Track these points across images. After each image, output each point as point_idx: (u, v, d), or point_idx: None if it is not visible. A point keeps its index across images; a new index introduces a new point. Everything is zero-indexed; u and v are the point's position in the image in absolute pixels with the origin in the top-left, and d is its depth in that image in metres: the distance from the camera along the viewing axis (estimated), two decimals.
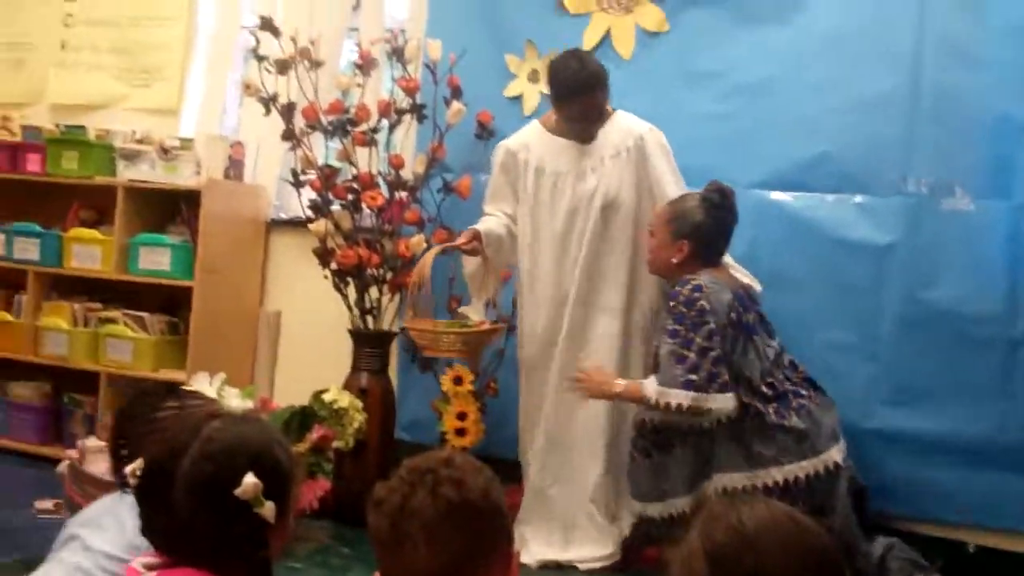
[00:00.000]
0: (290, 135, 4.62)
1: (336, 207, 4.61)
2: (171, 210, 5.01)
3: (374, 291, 4.58)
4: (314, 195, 4.62)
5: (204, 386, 3.53)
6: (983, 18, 3.86)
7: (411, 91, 4.56)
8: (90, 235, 5.04)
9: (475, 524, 1.63)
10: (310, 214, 4.63)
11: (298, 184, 4.68)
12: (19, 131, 5.40)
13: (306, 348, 5.04)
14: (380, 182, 4.57)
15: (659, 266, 3.79)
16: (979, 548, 3.87)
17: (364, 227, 4.60)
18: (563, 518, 4.01)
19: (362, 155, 4.59)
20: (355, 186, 4.56)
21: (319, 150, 4.78)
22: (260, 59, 4.63)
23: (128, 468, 2.07)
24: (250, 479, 1.70)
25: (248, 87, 4.66)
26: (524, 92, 4.58)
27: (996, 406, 3.79)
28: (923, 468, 3.87)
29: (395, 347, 4.70)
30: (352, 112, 4.58)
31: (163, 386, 3.12)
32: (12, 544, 3.79)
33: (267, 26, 4.64)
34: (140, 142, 5.04)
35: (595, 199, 3.96)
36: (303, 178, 4.66)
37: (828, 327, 3.99)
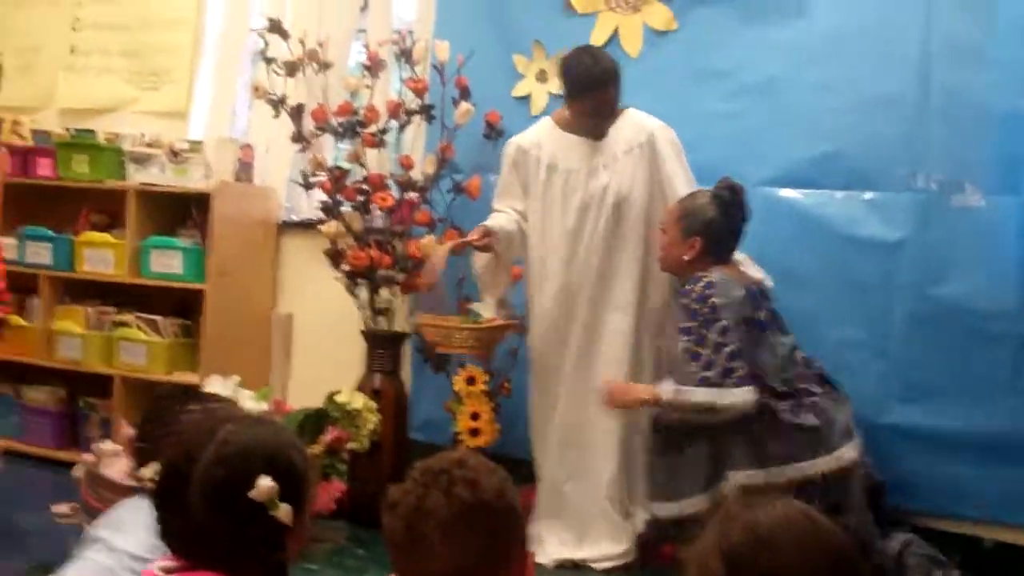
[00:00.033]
0: (299, 137, 4.64)
1: (346, 208, 4.61)
2: (182, 213, 5.01)
3: (386, 292, 4.58)
4: (324, 197, 4.62)
5: (220, 389, 3.54)
6: (991, 15, 3.85)
7: (420, 92, 4.57)
8: (102, 239, 5.04)
9: (490, 524, 1.63)
10: (321, 216, 4.64)
11: (308, 186, 4.70)
12: (29, 135, 5.41)
13: (319, 350, 5.05)
14: (390, 183, 4.57)
15: (671, 264, 3.78)
16: (996, 543, 3.86)
17: (375, 228, 4.60)
18: (578, 515, 4.01)
19: (372, 156, 4.61)
20: (365, 187, 4.57)
21: (328, 152, 4.79)
22: (269, 61, 4.65)
23: (144, 472, 2.09)
24: (265, 481, 1.70)
25: (257, 89, 4.68)
26: (532, 92, 4.58)
27: (1008, 401, 3.78)
28: (939, 464, 3.86)
29: (408, 348, 4.70)
30: (361, 113, 4.58)
31: (184, 389, 3.12)
32: (29, 547, 3.81)
33: (275, 28, 4.66)
34: (150, 145, 5.05)
35: (608, 195, 3.96)
36: (313, 180, 4.67)
37: (839, 324, 3.99)
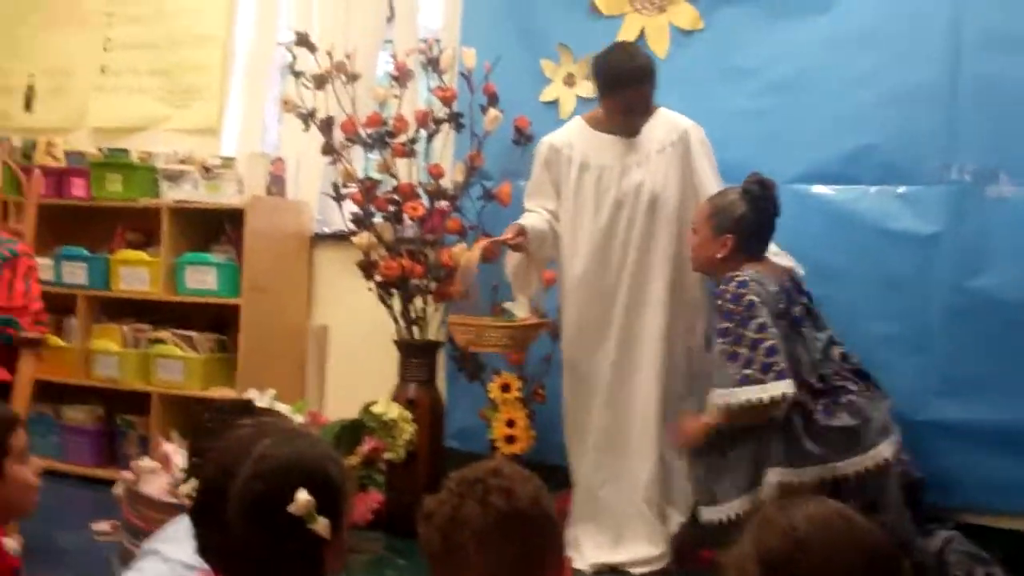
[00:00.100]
0: (330, 149, 4.65)
1: (378, 219, 4.63)
2: (215, 229, 5.05)
3: (419, 301, 4.59)
4: (356, 208, 4.64)
5: (256, 403, 3.56)
6: (1022, 3, 3.81)
7: (447, 100, 4.58)
8: (137, 257, 5.07)
9: (525, 533, 1.63)
10: (352, 227, 4.65)
11: (339, 198, 4.71)
12: (63, 157, 5.45)
13: (354, 361, 5.06)
14: (420, 192, 4.58)
15: (703, 263, 3.75)
16: None
17: (406, 238, 4.61)
18: (614, 518, 4.00)
19: (402, 166, 4.62)
20: (396, 197, 4.58)
21: (359, 163, 4.80)
22: (297, 75, 4.67)
23: (183, 488, 2.10)
24: (303, 495, 1.69)
25: (286, 103, 4.70)
26: (560, 96, 4.57)
27: None
28: (980, 458, 3.82)
29: (442, 357, 4.71)
30: (390, 124, 4.60)
31: (236, 403, 3.14)
32: (70, 566, 3.84)
33: (303, 42, 4.67)
34: (182, 162, 5.08)
35: (642, 193, 3.94)
36: (344, 191, 4.68)
37: (875, 319, 3.96)
